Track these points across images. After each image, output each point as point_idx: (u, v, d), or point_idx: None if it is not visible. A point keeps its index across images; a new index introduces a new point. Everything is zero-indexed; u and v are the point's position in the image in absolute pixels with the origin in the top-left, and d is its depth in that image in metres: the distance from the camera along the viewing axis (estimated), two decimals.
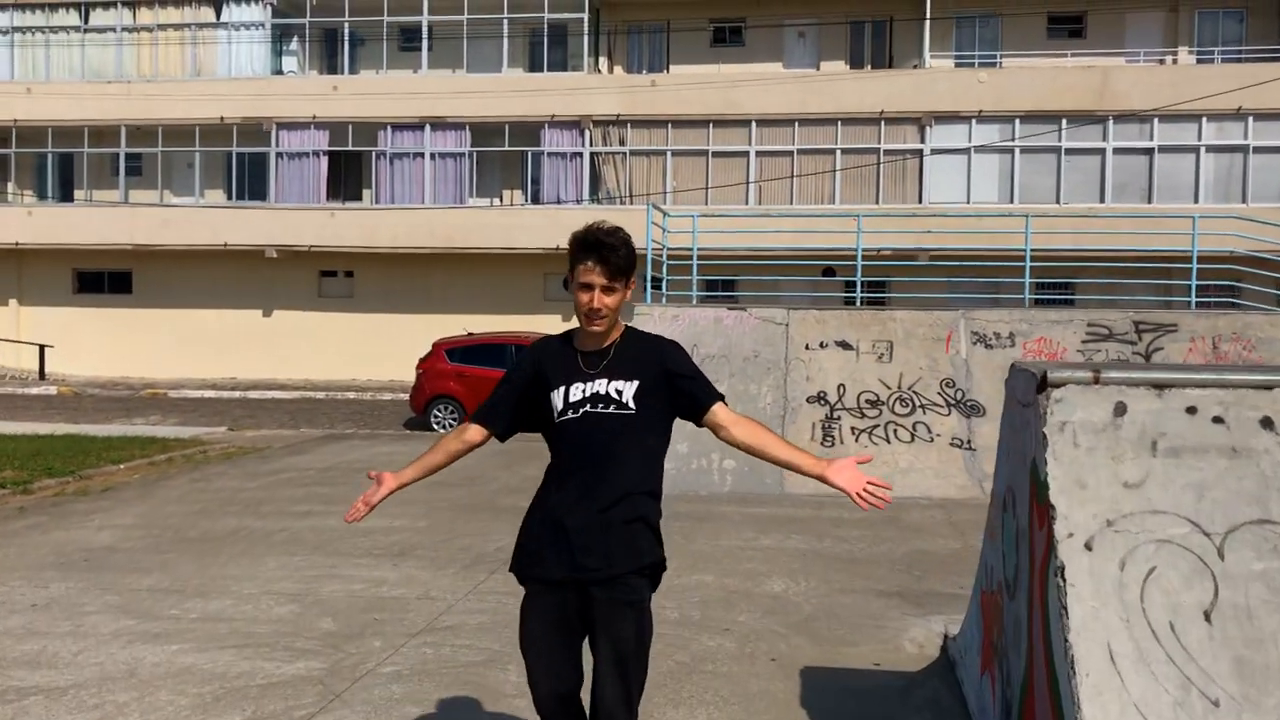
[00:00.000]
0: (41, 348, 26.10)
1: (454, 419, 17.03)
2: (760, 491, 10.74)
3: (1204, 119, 23.69)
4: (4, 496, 10.21)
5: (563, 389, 3.15)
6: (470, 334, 18.96)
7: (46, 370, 26.12)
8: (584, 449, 3.12)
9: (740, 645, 5.59)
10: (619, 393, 3.12)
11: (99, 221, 26.00)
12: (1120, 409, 3.23)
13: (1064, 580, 3.05)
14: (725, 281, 22.93)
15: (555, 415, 3.16)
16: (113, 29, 26.40)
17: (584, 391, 3.13)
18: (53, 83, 26.26)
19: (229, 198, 26.50)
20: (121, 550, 7.86)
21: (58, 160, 27.15)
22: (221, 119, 25.52)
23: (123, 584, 6.83)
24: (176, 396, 23.10)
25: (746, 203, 24.57)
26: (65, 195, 27.42)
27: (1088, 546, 3.09)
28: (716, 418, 3.20)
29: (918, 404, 11.54)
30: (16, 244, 26.14)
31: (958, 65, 25.67)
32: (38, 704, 4.71)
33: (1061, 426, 3.25)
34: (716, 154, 24.96)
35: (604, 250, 3.06)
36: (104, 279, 27.08)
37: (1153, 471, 3.17)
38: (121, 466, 12.15)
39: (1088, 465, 3.19)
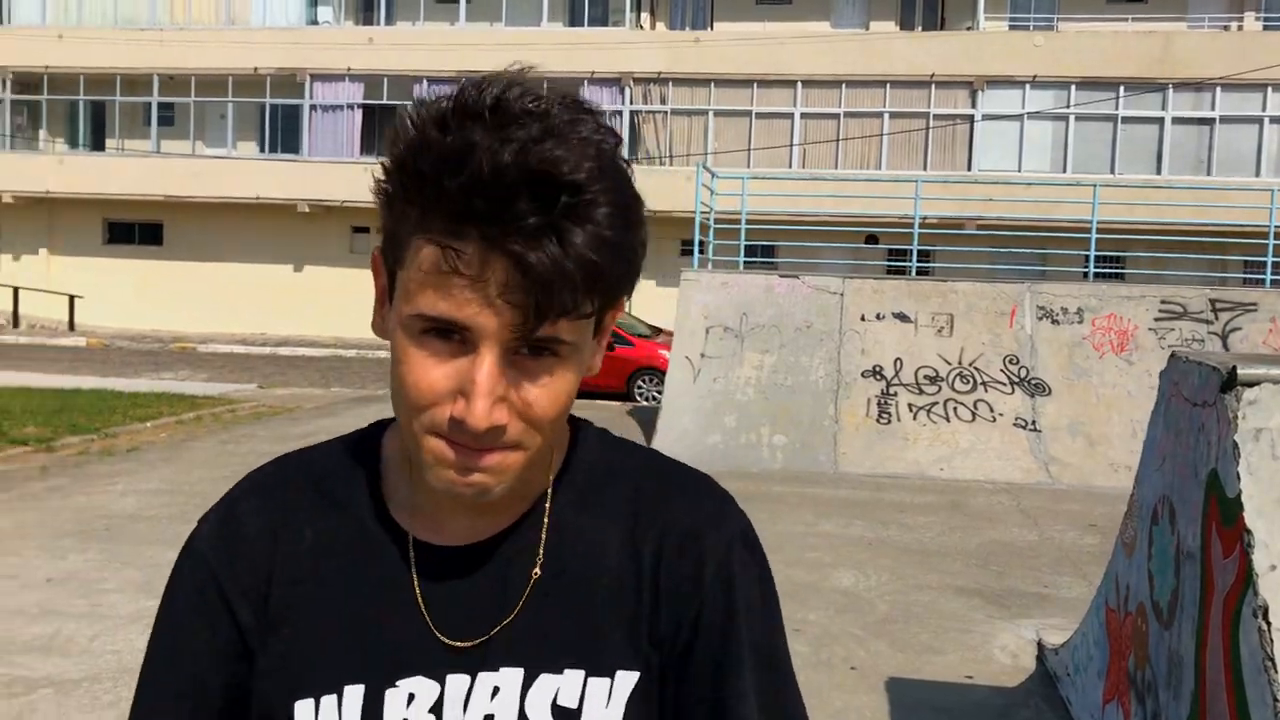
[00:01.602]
0: (71, 298, 25.83)
1: None
2: (814, 470, 10.23)
3: (1269, 89, 22.77)
4: (26, 454, 9.83)
5: (354, 700, 0.91)
6: None
7: (76, 321, 25.87)
8: None
9: (815, 649, 5.09)
10: (565, 715, 0.91)
11: (130, 172, 25.62)
12: None
13: (1268, 624, 2.52)
14: (765, 247, 22.34)
15: None
16: None
17: (435, 713, 0.91)
18: (84, 28, 25.79)
19: (261, 150, 26.04)
20: (144, 518, 7.43)
21: (89, 108, 26.74)
22: (255, 69, 25.01)
23: (144, 557, 6.40)
24: (206, 351, 22.78)
25: (789, 166, 23.89)
26: (97, 144, 27.03)
27: None
28: None
29: (979, 381, 10.97)
30: (48, 192, 25.80)
31: (1012, 28, 24.77)
32: (47, 699, 4.27)
33: (1256, 434, 2.70)
34: (760, 115, 24.25)
35: (524, 199, 0.78)
36: (134, 230, 26.74)
37: None
38: (148, 425, 11.77)
39: None
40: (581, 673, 0.91)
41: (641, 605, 0.94)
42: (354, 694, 0.91)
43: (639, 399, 15.60)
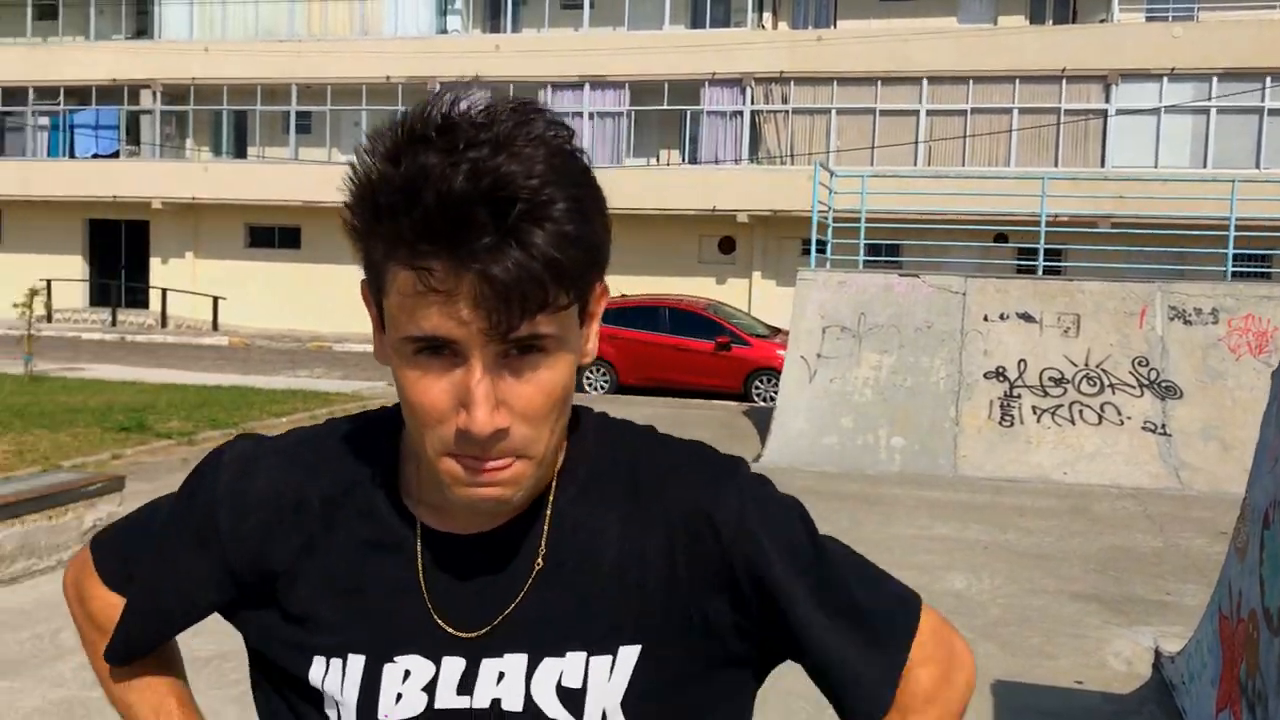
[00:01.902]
0: (215, 299, 27.01)
1: (605, 381, 16.79)
2: (933, 472, 10.10)
3: None
4: (169, 447, 10.36)
5: (356, 668, 0.98)
6: (624, 296, 18.66)
7: (219, 322, 27.03)
8: None
9: None
10: (570, 696, 0.96)
11: (270, 178, 26.67)
12: None
13: None
14: (889, 246, 22.05)
15: None
16: None
17: (428, 693, 0.97)
18: (228, 42, 26.94)
19: None
20: None
21: (232, 117, 27.91)
22: (387, 78, 25.77)
23: None
24: (340, 350, 23.58)
25: (915, 164, 23.53)
26: (239, 152, 28.20)
27: None
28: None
29: (1106, 383, 10.67)
30: (194, 198, 27.04)
31: (1149, 19, 23.93)
32: None
33: None
34: (884, 113, 23.95)
35: (483, 214, 0.83)
36: (274, 234, 27.83)
37: None
38: (283, 420, 12.28)
39: None
40: (584, 654, 0.96)
41: (646, 586, 0.97)
42: (356, 663, 0.97)
43: (756, 399, 15.59)
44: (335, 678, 0.97)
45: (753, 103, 24.51)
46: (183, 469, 9.23)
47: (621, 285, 22.02)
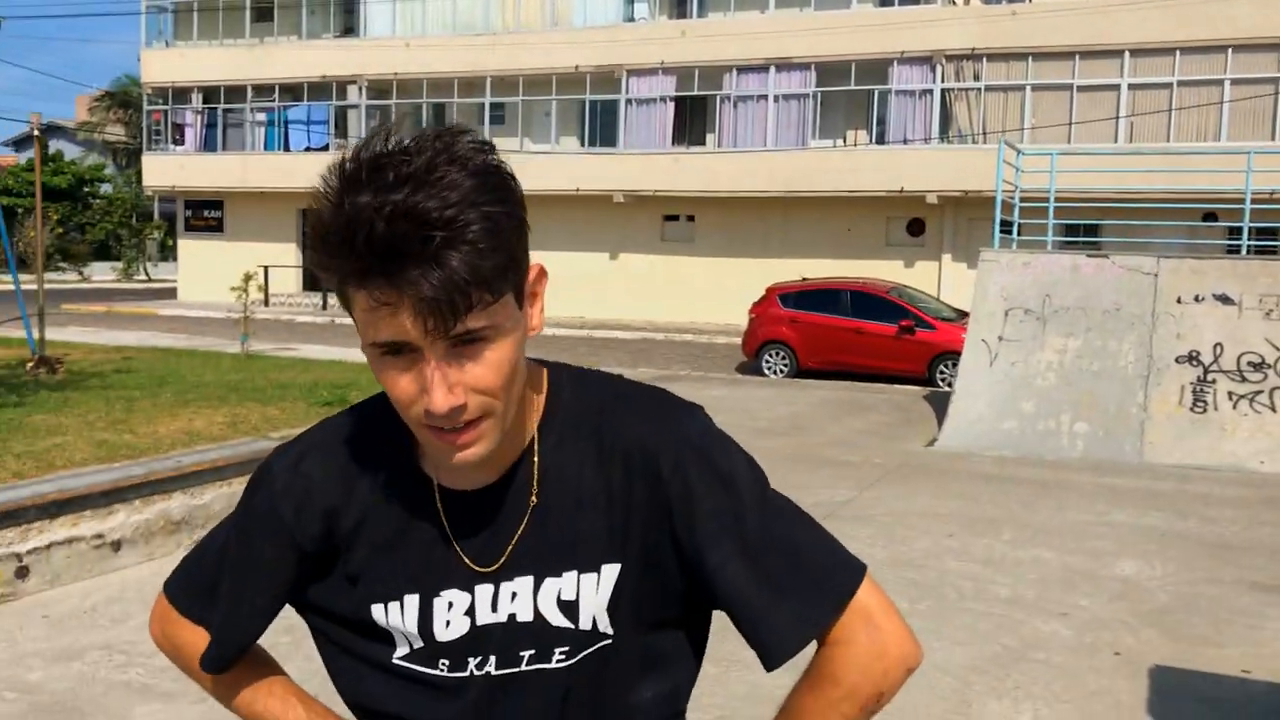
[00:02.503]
0: None
1: (785, 365, 16.80)
2: (1117, 460, 9.76)
3: None
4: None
5: (413, 605, 1.21)
6: (805, 279, 18.61)
7: None
8: None
9: (1079, 634, 4.99)
10: (567, 606, 1.20)
11: None
12: None
13: None
14: (1087, 227, 21.16)
15: (391, 661, 1.24)
16: None
17: (470, 615, 1.21)
18: (427, 36, 28.11)
19: (582, 144, 27.45)
20: None
21: (432, 110, 29.11)
22: (576, 67, 26.37)
23: None
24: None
25: (1115, 140, 22.50)
26: None
27: None
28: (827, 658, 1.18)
29: None
30: None
31: None
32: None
33: None
34: (1082, 88, 22.97)
35: (407, 245, 1.01)
36: None
37: None
38: None
39: None
40: (575, 572, 1.18)
41: (615, 515, 1.18)
42: (411, 601, 1.20)
43: (941, 385, 15.30)
44: (397, 616, 1.20)
45: (943, 81, 23.93)
46: None
47: (805, 269, 21.95)
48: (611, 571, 1.18)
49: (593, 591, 1.18)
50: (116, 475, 6.10)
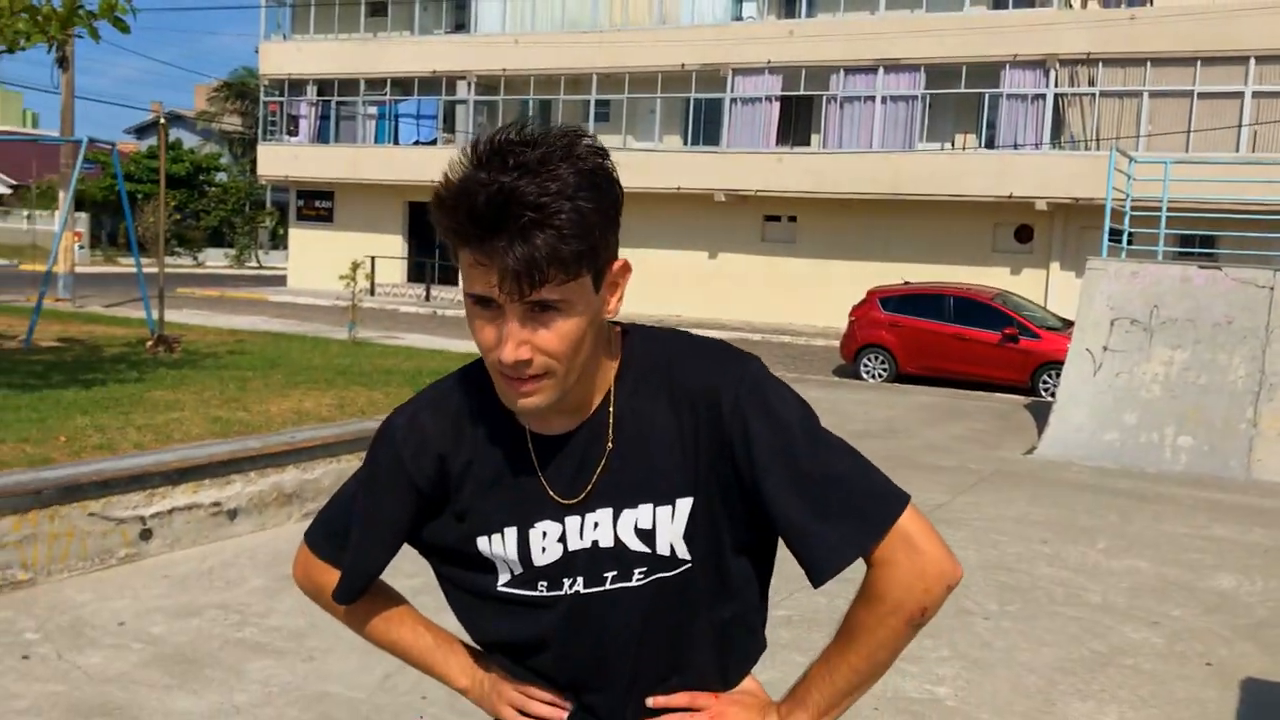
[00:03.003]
0: None
1: (884, 369, 16.70)
2: (1222, 475, 9.55)
3: None
4: None
5: (511, 536, 1.40)
6: (907, 283, 18.44)
7: None
8: (583, 666, 1.43)
9: (1169, 642, 4.95)
10: (644, 534, 1.36)
11: None
12: None
13: None
14: (1203, 238, 20.58)
15: (496, 589, 1.43)
16: None
17: (562, 542, 1.39)
18: (536, 34, 28.50)
19: (685, 143, 27.56)
20: None
21: (538, 106, 29.53)
22: (682, 65, 26.49)
23: None
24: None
25: (1236, 149, 21.82)
26: None
27: None
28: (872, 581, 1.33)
29: None
30: None
31: None
32: None
33: None
34: (1203, 95, 22.32)
35: (503, 220, 1.19)
36: None
37: None
38: None
39: None
40: (651, 505, 1.36)
41: (687, 453, 1.35)
42: (510, 532, 1.40)
43: (1044, 394, 15.04)
44: (499, 546, 1.40)
45: (1056, 85, 23.48)
46: None
47: (907, 272, 21.74)
48: (685, 504, 1.36)
49: (668, 521, 1.36)
50: (234, 447, 6.41)
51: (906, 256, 24.49)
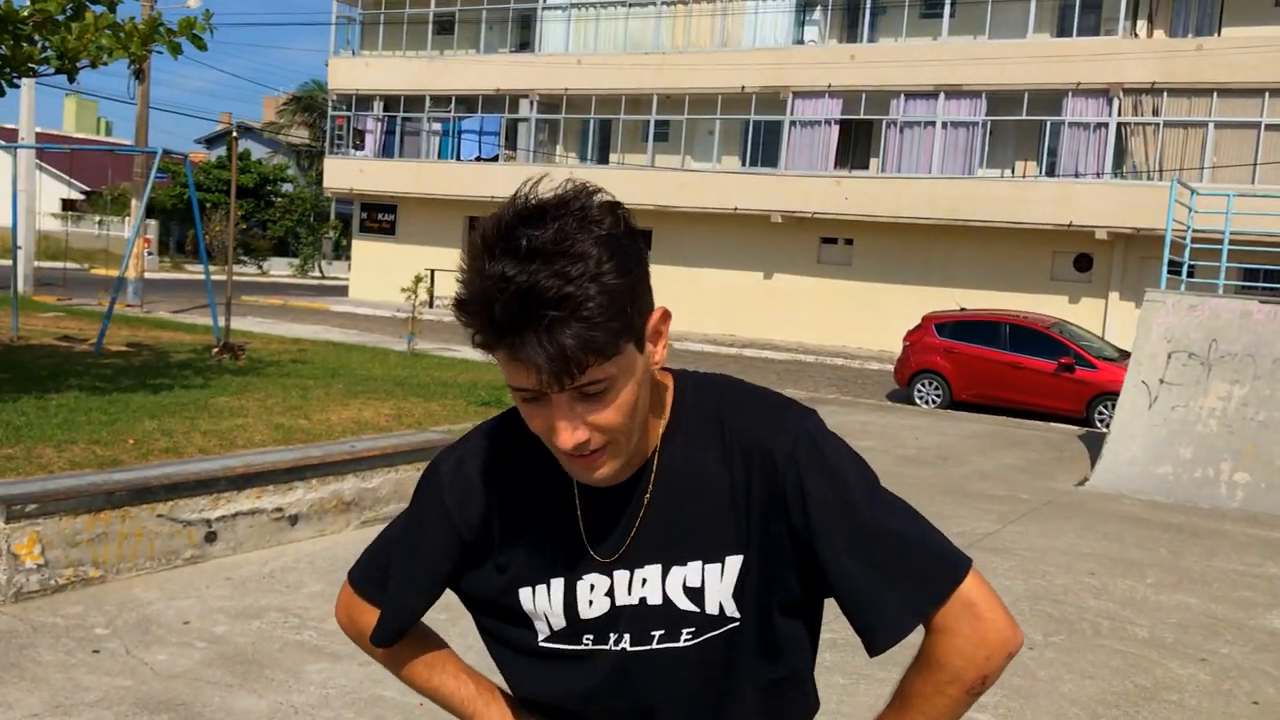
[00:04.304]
0: None
1: (937, 395, 16.65)
2: (1278, 513, 9.43)
3: None
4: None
5: (557, 588, 1.37)
6: (963, 309, 18.38)
7: None
8: None
9: (1217, 680, 4.95)
10: (693, 592, 1.34)
11: (627, 183, 28.22)
12: None
13: None
14: (1268, 273, 20.29)
15: (538, 645, 1.40)
16: (654, 2, 28.40)
17: (609, 596, 1.36)
18: (598, 54, 28.79)
19: (743, 164, 27.66)
20: None
21: (598, 126, 29.81)
22: (742, 88, 26.63)
23: None
24: (679, 348, 24.65)
25: None
26: (602, 158, 30.07)
27: None
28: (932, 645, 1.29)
29: None
30: None
31: None
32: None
33: None
34: (1270, 127, 22.04)
35: (526, 321, 1.16)
36: None
37: None
38: None
39: None
40: (700, 563, 1.32)
41: (738, 509, 1.31)
42: (556, 584, 1.36)
43: (1099, 425, 14.90)
44: (543, 598, 1.36)
45: (1119, 114, 23.30)
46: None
47: (964, 299, 21.64)
48: (735, 562, 1.32)
49: (718, 580, 1.32)
50: (297, 455, 6.60)
51: (963, 282, 24.38)
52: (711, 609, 1.32)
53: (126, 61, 10.56)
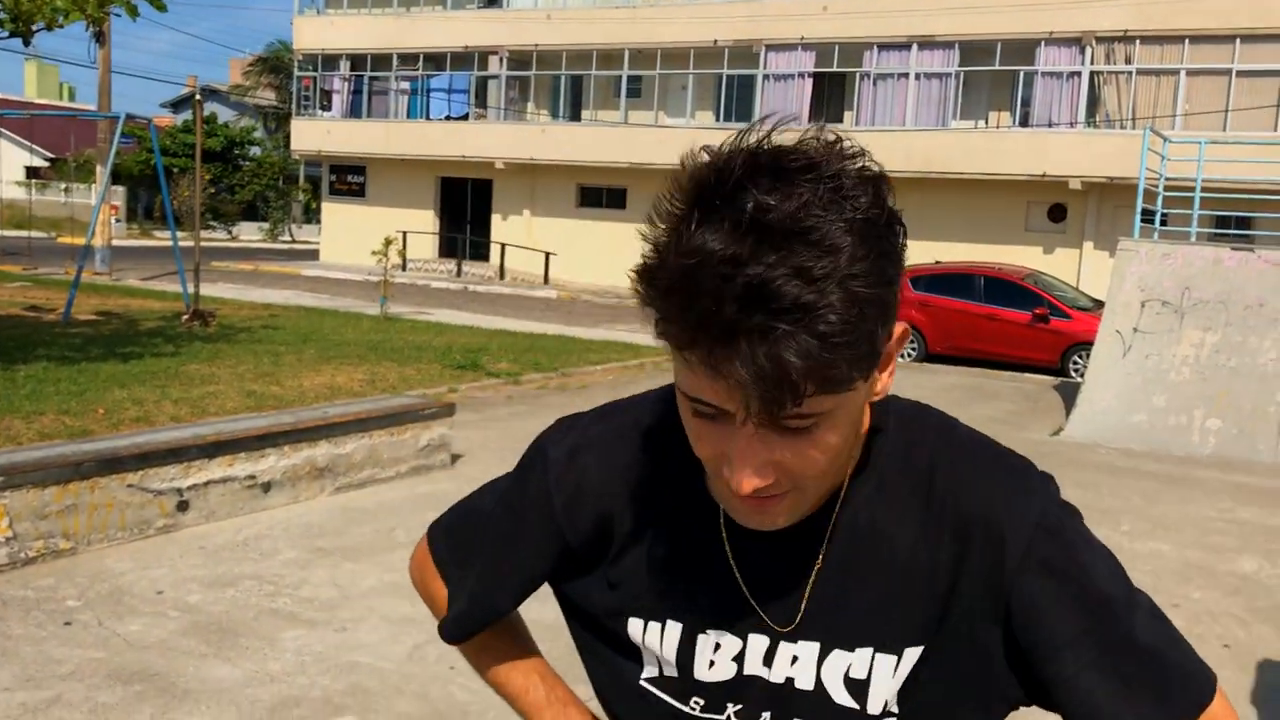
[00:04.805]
0: (547, 255, 28.85)
1: (913, 349, 16.69)
2: (1249, 459, 9.53)
3: None
4: (498, 385, 11.43)
5: (674, 633, 1.10)
6: (938, 262, 18.40)
7: (550, 276, 28.88)
8: None
9: (1188, 625, 4.99)
10: (855, 685, 1.05)
11: (601, 140, 28.05)
12: None
13: None
14: (1240, 219, 20.37)
15: (638, 682, 1.15)
16: None
17: (738, 662, 1.08)
18: (568, 9, 28.47)
19: (716, 119, 27.49)
20: None
21: (569, 82, 29.52)
22: (714, 41, 26.40)
23: None
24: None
25: (1275, 129, 21.55)
26: (574, 115, 29.81)
27: None
28: None
29: None
30: (531, 159, 28.92)
31: None
32: None
33: None
34: (1242, 73, 22.04)
35: (745, 324, 0.80)
36: (602, 194, 29.31)
37: None
38: (598, 368, 13.18)
39: None
40: (871, 650, 1.02)
41: (934, 592, 1.00)
42: (674, 629, 1.08)
43: (1074, 375, 15.01)
44: (655, 637, 1.09)
45: (1092, 63, 23.25)
46: (507, 404, 10.22)
47: (939, 251, 21.66)
48: (913, 655, 1.02)
49: (889, 674, 1.03)
50: (269, 422, 6.54)
51: (938, 235, 24.37)
52: (874, 708, 1.03)
53: (85, 24, 10.35)
